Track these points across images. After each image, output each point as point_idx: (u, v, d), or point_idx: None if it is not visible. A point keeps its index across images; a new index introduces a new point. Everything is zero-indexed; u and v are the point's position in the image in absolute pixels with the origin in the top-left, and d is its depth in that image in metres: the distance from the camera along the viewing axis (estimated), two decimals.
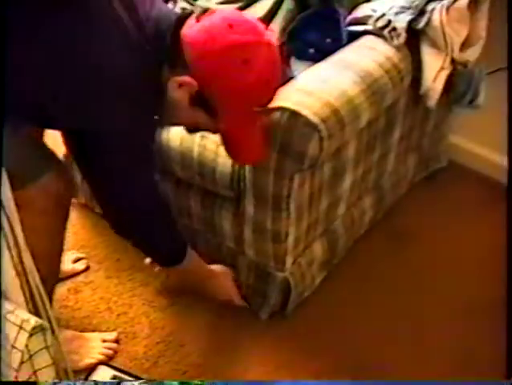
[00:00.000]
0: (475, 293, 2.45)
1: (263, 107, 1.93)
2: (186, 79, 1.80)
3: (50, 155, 1.96)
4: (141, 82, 1.78)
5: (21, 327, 1.45)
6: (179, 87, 1.82)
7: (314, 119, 1.97)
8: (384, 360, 2.25)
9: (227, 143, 2.00)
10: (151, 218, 2.06)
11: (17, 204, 1.69)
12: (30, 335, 1.45)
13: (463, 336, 2.32)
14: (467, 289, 2.48)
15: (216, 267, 2.37)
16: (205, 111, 1.87)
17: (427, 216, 2.82)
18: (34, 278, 1.54)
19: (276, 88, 1.93)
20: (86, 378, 2.13)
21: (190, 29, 1.82)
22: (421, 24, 2.30)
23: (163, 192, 2.17)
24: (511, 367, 1.81)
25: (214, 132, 2.01)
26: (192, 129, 2.04)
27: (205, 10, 1.86)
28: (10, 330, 1.45)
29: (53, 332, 1.55)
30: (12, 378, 1.49)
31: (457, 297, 2.46)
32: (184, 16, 1.86)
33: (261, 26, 1.87)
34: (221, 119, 1.88)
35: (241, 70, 1.79)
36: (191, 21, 1.84)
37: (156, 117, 1.97)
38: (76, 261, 2.52)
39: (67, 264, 2.45)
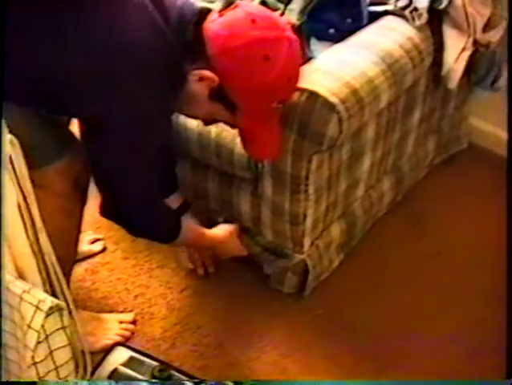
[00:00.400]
0: (491, 279, 2.43)
1: (282, 103, 1.91)
2: (207, 72, 1.79)
3: (69, 137, 1.96)
4: (163, 68, 1.77)
5: (37, 307, 1.45)
6: (199, 81, 1.81)
7: (334, 99, 1.95)
8: (400, 344, 2.23)
9: (244, 138, 2.00)
10: (149, 204, 2.03)
11: (35, 185, 1.72)
12: (47, 315, 1.45)
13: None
14: (485, 274, 2.46)
15: (218, 230, 2.35)
16: (224, 106, 1.86)
17: (446, 198, 2.80)
18: (51, 258, 1.53)
19: (296, 85, 1.92)
20: (102, 359, 2.13)
21: (213, 23, 1.81)
22: (443, 4, 2.27)
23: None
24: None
25: (232, 127, 2.00)
26: (208, 122, 2.03)
27: (229, 4, 1.86)
28: (27, 310, 1.45)
29: (70, 312, 1.55)
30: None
31: (475, 281, 2.45)
32: (207, 9, 1.85)
33: (283, 21, 1.87)
34: (239, 114, 1.87)
35: (263, 67, 1.78)
36: (214, 15, 1.83)
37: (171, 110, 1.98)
38: (93, 242, 2.52)
39: (84, 245, 2.44)
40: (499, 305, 1.86)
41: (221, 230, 2.36)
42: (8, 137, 1.38)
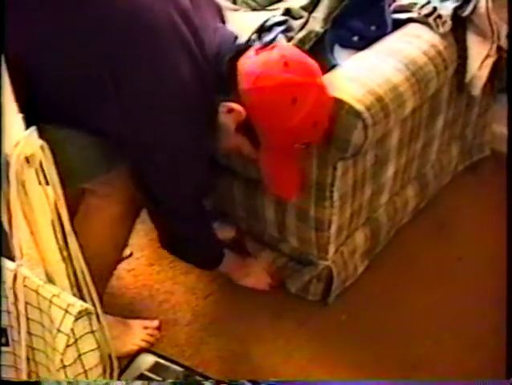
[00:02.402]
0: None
1: (306, 145, 1.95)
2: (236, 106, 1.84)
3: None
4: (200, 101, 1.81)
5: (67, 311, 1.46)
6: (228, 113, 1.87)
7: (359, 106, 1.96)
8: (424, 352, 2.23)
9: (266, 174, 2.04)
10: (191, 235, 2.10)
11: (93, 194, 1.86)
12: (76, 319, 1.46)
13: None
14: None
15: (250, 263, 2.43)
16: (249, 140, 1.92)
17: (469, 206, 2.80)
18: (79, 262, 1.55)
19: (322, 130, 1.95)
20: (128, 365, 2.14)
21: (248, 59, 1.87)
22: (467, 11, 2.28)
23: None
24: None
25: (254, 161, 2.04)
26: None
27: (266, 45, 1.93)
28: (56, 314, 1.47)
29: (97, 316, 1.56)
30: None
31: (497, 286, 2.43)
32: (244, 47, 1.92)
33: (316, 68, 1.91)
34: (262, 150, 1.92)
35: (290, 109, 1.83)
36: (251, 52, 1.89)
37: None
38: None
39: None
40: None
41: (253, 263, 2.44)
42: (39, 143, 1.39)
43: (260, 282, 2.40)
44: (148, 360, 2.17)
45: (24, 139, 1.36)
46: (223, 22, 2.05)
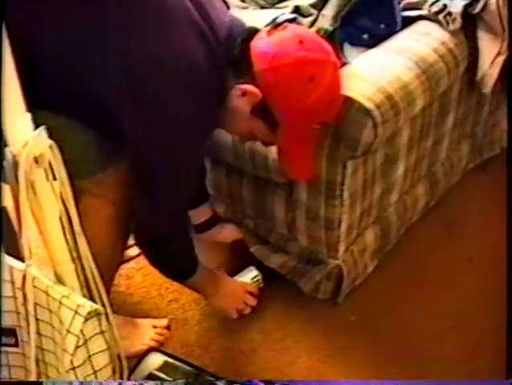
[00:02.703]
0: None
1: (322, 125, 1.93)
2: (251, 88, 1.81)
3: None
4: (209, 80, 1.78)
5: (76, 312, 1.45)
6: (242, 96, 1.83)
7: (369, 104, 1.95)
8: (433, 351, 2.23)
9: (282, 157, 2.02)
10: (175, 237, 2.02)
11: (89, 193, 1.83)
12: (86, 320, 1.45)
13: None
14: None
15: (225, 281, 2.30)
16: (265, 123, 1.88)
17: (479, 204, 2.78)
18: (89, 263, 1.54)
19: (338, 109, 1.93)
20: (137, 364, 2.14)
21: (261, 40, 1.84)
22: (477, 9, 2.27)
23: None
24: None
25: (268, 145, 2.02)
26: (246, 139, 2.05)
27: (278, 25, 1.92)
28: (66, 315, 1.46)
29: (107, 317, 1.56)
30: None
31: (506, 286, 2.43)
32: (254, 29, 1.89)
33: (328, 46, 1.89)
34: (279, 132, 1.88)
35: (307, 87, 1.80)
36: (262, 33, 1.86)
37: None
38: (128, 247, 2.52)
39: None
40: None
41: (230, 283, 2.32)
42: (48, 142, 1.39)
43: (229, 305, 2.29)
44: (157, 359, 2.17)
45: (33, 140, 1.35)
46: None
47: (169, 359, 2.16)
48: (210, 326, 2.32)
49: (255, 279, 2.38)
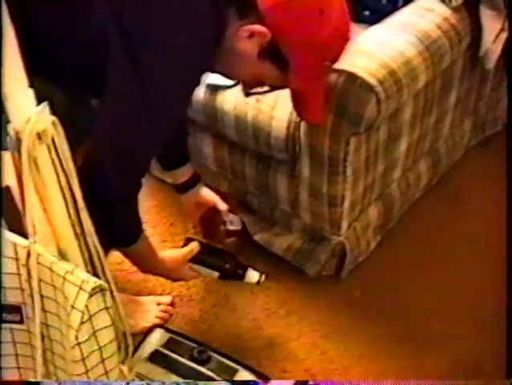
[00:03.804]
0: None
1: (333, 62, 1.87)
2: (259, 28, 1.69)
3: None
4: (206, 19, 1.66)
5: (80, 288, 1.45)
6: (249, 37, 1.71)
7: (372, 80, 1.94)
8: (436, 329, 2.24)
9: (296, 99, 1.92)
10: (131, 194, 1.84)
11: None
12: (90, 296, 1.45)
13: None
14: None
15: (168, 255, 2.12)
16: (275, 65, 1.77)
17: (482, 180, 2.79)
18: (93, 238, 1.54)
19: (346, 45, 1.85)
20: (142, 341, 2.15)
21: None
22: None
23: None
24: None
25: (276, 88, 1.93)
26: (249, 91, 2.00)
27: None
28: (70, 291, 1.46)
29: (112, 294, 1.56)
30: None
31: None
32: None
33: None
34: (291, 72, 1.77)
35: (318, 21, 1.71)
36: None
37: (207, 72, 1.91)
38: None
39: None
40: None
41: (170, 257, 2.11)
42: (51, 118, 1.38)
43: (187, 275, 2.14)
44: (162, 336, 2.17)
45: (35, 115, 1.35)
46: None
47: (174, 336, 2.17)
48: (215, 303, 2.33)
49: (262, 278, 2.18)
